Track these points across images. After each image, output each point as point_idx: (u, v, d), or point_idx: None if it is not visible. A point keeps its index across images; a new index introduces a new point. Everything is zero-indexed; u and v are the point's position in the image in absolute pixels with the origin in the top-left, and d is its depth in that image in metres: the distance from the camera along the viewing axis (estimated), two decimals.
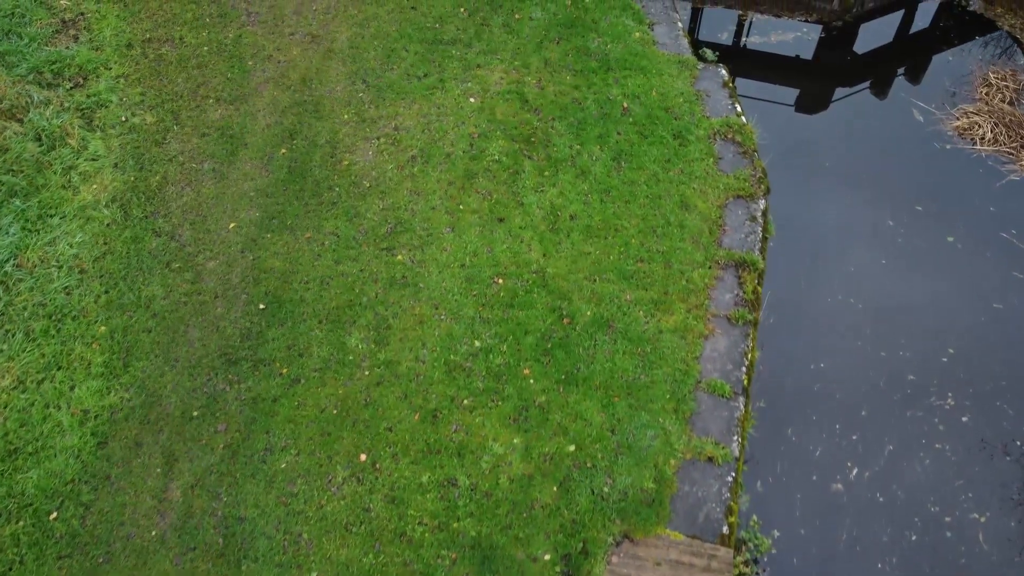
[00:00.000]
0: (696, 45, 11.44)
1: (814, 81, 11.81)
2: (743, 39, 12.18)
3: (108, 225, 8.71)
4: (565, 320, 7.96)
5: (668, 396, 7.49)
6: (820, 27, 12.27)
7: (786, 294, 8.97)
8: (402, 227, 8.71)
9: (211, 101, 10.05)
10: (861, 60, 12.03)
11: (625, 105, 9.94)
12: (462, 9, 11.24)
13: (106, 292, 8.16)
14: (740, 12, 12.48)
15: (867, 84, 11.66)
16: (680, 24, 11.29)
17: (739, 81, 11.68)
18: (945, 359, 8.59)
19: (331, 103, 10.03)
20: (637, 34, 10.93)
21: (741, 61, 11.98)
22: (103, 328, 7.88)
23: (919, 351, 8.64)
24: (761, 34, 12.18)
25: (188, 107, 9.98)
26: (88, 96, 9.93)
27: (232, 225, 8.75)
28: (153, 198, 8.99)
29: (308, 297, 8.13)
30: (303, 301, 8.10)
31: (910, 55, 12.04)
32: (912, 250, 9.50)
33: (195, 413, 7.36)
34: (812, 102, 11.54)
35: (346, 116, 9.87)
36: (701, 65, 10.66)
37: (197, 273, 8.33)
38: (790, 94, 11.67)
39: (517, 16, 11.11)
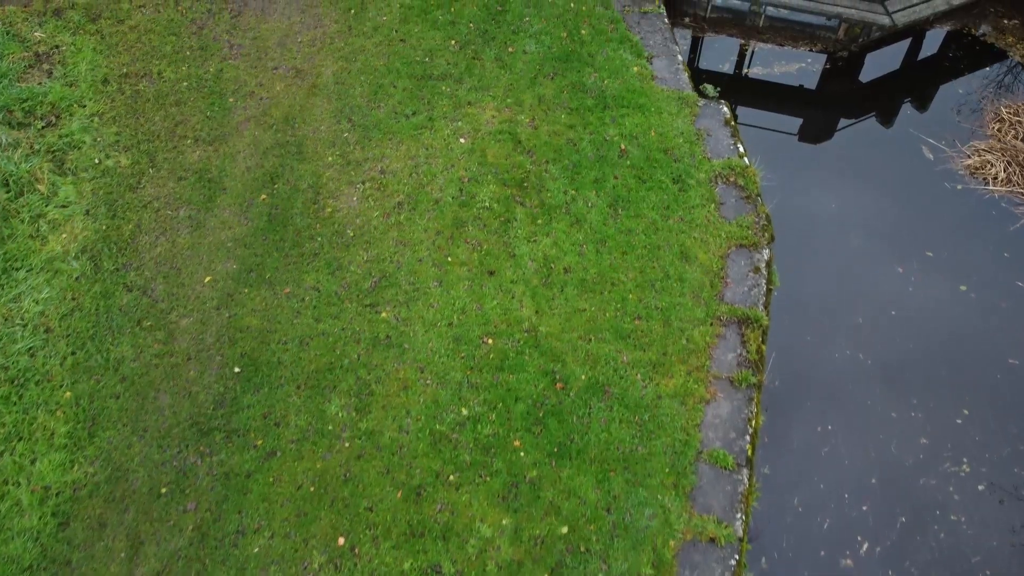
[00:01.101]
0: (696, 77, 10.99)
1: (818, 111, 11.37)
2: (745, 69, 11.74)
3: (77, 279, 8.25)
4: (558, 385, 7.51)
5: (667, 469, 7.05)
6: (825, 57, 11.84)
7: (791, 349, 8.53)
8: (387, 281, 8.26)
9: (189, 141, 9.60)
10: (867, 90, 11.59)
11: (623, 147, 9.50)
12: (453, 42, 10.80)
13: (73, 353, 7.71)
14: (742, 41, 12.05)
15: (873, 116, 11.23)
16: (680, 57, 10.85)
17: (741, 110, 11.27)
18: (959, 420, 8.14)
19: (315, 143, 9.58)
20: (635, 68, 10.48)
21: (743, 90, 11.55)
22: (68, 394, 7.43)
23: (932, 412, 8.20)
24: (764, 65, 11.75)
25: (165, 148, 9.53)
26: (60, 137, 9.48)
27: (208, 279, 8.29)
28: (125, 248, 8.53)
29: (286, 359, 7.67)
30: (281, 364, 7.65)
31: (918, 87, 11.60)
32: (923, 300, 9.05)
33: (163, 490, 6.91)
34: (816, 132, 11.10)
35: (330, 158, 9.42)
36: (702, 102, 10.21)
37: (169, 332, 7.88)
38: (793, 123, 11.24)
39: (510, 49, 10.67)
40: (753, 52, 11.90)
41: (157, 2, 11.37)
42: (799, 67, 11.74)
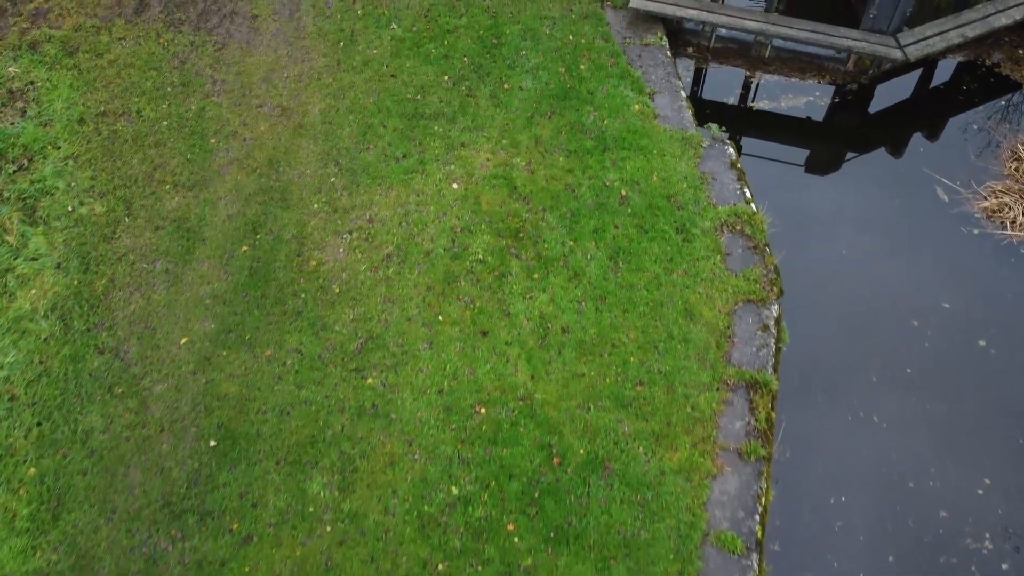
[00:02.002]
0: (700, 110, 10.52)
1: (826, 145, 10.90)
2: (751, 103, 11.27)
3: (45, 340, 7.79)
4: (555, 460, 7.05)
5: (672, 556, 6.58)
6: (833, 89, 11.38)
7: (802, 413, 8.06)
8: (374, 343, 7.80)
9: (168, 187, 9.14)
10: (877, 124, 11.13)
11: (623, 193, 9.04)
12: (446, 77, 10.33)
13: (39, 424, 7.24)
14: (747, 73, 11.58)
15: (884, 151, 10.77)
16: (683, 93, 10.38)
17: (746, 140, 10.81)
18: (981, 491, 7.68)
19: (300, 189, 9.12)
20: (636, 106, 10.02)
21: (748, 122, 11.08)
22: (33, 470, 6.97)
23: (951, 482, 7.73)
24: (770, 98, 11.28)
25: (142, 194, 9.07)
26: (32, 183, 9.02)
27: (184, 340, 7.83)
28: (98, 306, 8.07)
29: (265, 431, 7.21)
30: (260, 436, 7.18)
31: (931, 121, 11.13)
32: (940, 356, 8.59)
33: None
34: (823, 163, 10.64)
35: (316, 205, 8.96)
36: (706, 142, 9.75)
37: (142, 400, 7.41)
38: (799, 153, 10.77)
39: (506, 86, 10.21)
40: (759, 84, 11.43)
41: (138, 34, 10.91)
42: (807, 100, 11.28)
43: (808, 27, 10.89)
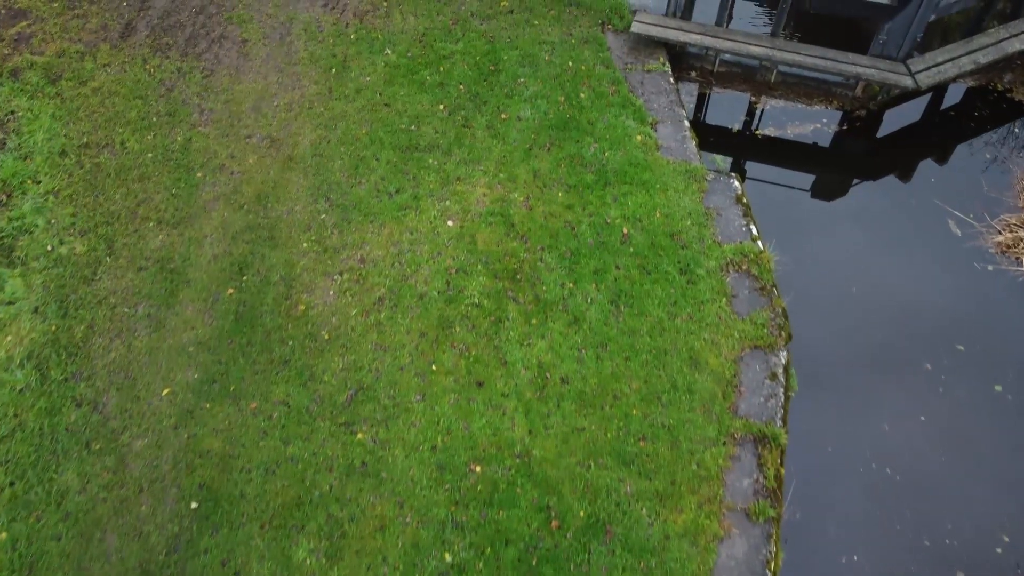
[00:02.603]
0: (703, 137, 10.18)
1: (833, 174, 10.56)
2: (756, 131, 10.91)
3: (21, 391, 7.44)
4: (554, 523, 6.70)
5: None
6: (841, 114, 11.03)
7: (812, 466, 7.71)
8: (364, 394, 7.45)
9: (151, 224, 8.79)
10: (886, 152, 10.79)
11: (625, 231, 8.69)
12: (441, 106, 9.98)
13: (12, 484, 6.89)
14: (752, 98, 11.24)
15: (894, 181, 10.42)
16: (686, 123, 10.04)
17: (750, 165, 10.48)
18: (999, 549, 7.33)
19: (289, 227, 8.77)
20: (639, 137, 9.68)
21: (752, 147, 10.74)
22: (4, 535, 6.61)
23: (968, 539, 7.39)
24: (776, 125, 10.92)
25: (125, 231, 8.72)
26: (11, 220, 8.67)
27: (166, 391, 7.48)
28: (76, 354, 7.72)
29: (249, 492, 6.86)
30: (243, 498, 6.83)
31: (942, 149, 10.78)
32: (954, 403, 8.24)
33: None
34: (830, 189, 10.29)
35: (305, 244, 8.61)
36: (711, 175, 9.41)
37: (121, 457, 7.06)
38: (806, 179, 10.43)
39: (503, 116, 9.86)
40: (764, 110, 11.09)
41: (124, 60, 10.57)
42: (814, 127, 10.93)
43: (816, 53, 10.55)
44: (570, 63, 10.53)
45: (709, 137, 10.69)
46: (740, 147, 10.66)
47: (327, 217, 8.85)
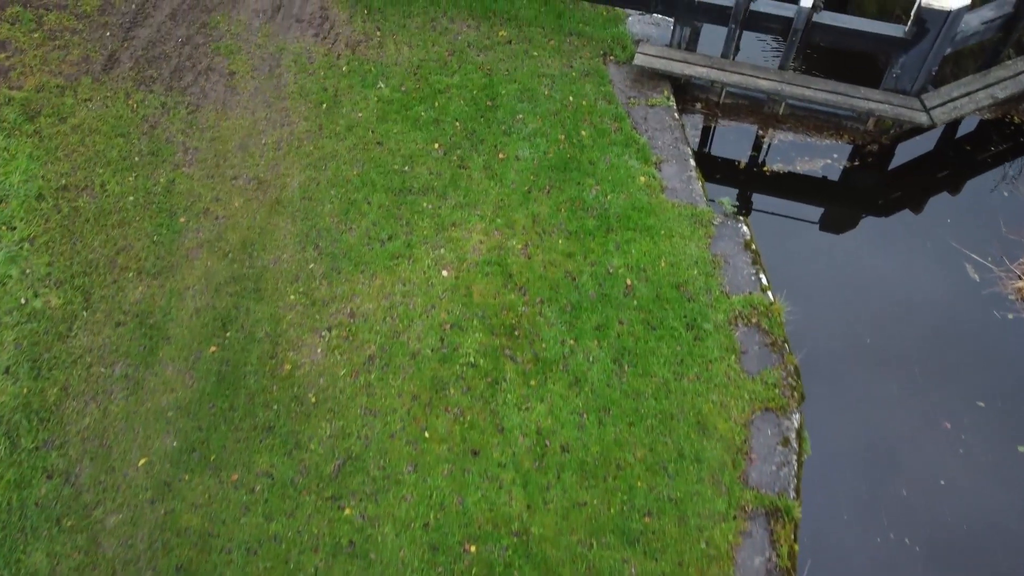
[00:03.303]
0: (708, 170, 9.76)
1: (843, 213, 10.14)
2: (763, 165, 10.49)
3: None
4: None
5: None
6: (852, 148, 10.61)
7: (827, 535, 7.29)
8: (353, 464, 7.03)
9: (131, 274, 8.37)
10: (899, 189, 10.37)
11: (628, 282, 8.27)
12: (436, 145, 9.56)
13: None
14: (760, 131, 10.81)
15: (908, 219, 10.01)
16: (692, 162, 9.62)
17: (757, 197, 10.07)
18: None
19: (275, 278, 8.35)
20: (642, 178, 9.26)
21: (759, 181, 10.32)
22: None
23: None
24: (784, 160, 10.49)
25: (103, 282, 8.30)
26: None
27: (142, 461, 7.06)
28: (48, 419, 7.30)
29: (229, 575, 6.43)
30: None
31: (957, 187, 10.36)
32: (976, 466, 7.82)
33: None
34: (838, 224, 9.88)
35: (292, 297, 8.19)
36: (718, 219, 8.99)
37: (93, 536, 6.64)
38: (814, 211, 10.02)
39: (501, 156, 9.44)
40: (772, 144, 10.66)
41: (106, 95, 10.15)
42: (824, 163, 10.50)
43: (826, 87, 10.13)
44: (571, 97, 10.11)
45: (715, 174, 10.28)
46: (747, 184, 10.23)
47: (315, 266, 8.43)
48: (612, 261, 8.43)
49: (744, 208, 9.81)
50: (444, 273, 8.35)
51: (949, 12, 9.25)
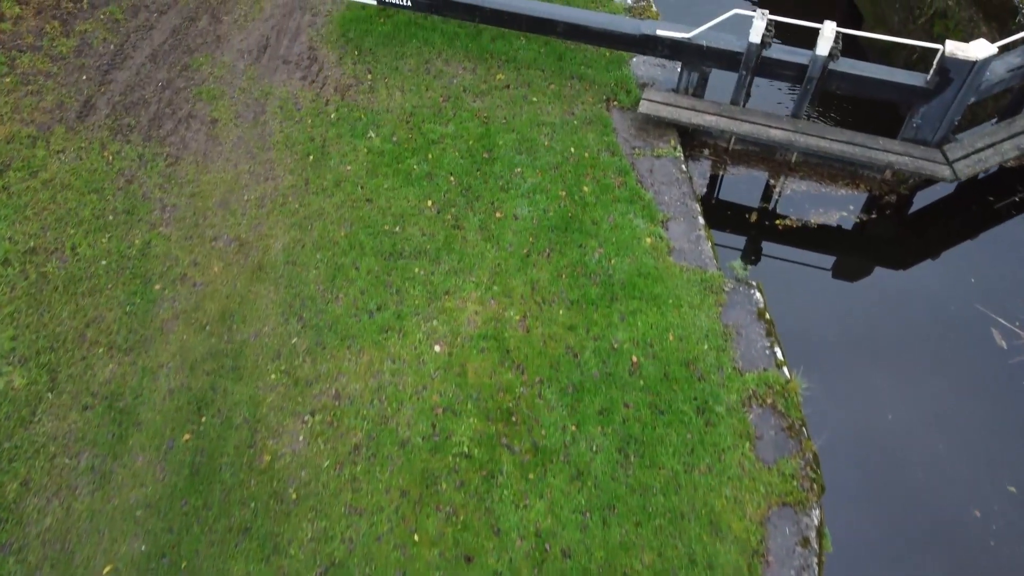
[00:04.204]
0: (716, 223, 9.21)
1: (859, 271, 9.58)
2: (775, 218, 9.92)
3: None
4: None
5: None
6: (868, 198, 10.05)
7: None
8: (336, 572, 6.46)
9: (102, 349, 7.81)
10: (919, 244, 9.81)
11: (634, 359, 7.71)
12: (429, 202, 9.01)
13: None
14: (771, 179, 10.26)
15: (929, 278, 9.45)
16: (701, 220, 9.06)
17: (766, 245, 9.54)
18: None
19: (256, 354, 7.79)
20: (648, 240, 8.70)
21: (769, 231, 9.77)
22: None
23: None
24: (798, 212, 9.92)
25: (71, 359, 7.74)
26: None
27: (107, 569, 6.50)
28: (7, 519, 6.74)
29: None
30: None
31: (980, 241, 9.80)
32: (1009, 560, 7.27)
33: None
34: (857, 293, 9.32)
35: (273, 376, 7.63)
36: (729, 284, 8.43)
37: None
38: (830, 278, 9.47)
39: (498, 214, 8.88)
40: (784, 194, 10.10)
41: (80, 146, 9.59)
42: (840, 216, 9.94)
43: (842, 137, 9.57)
44: (572, 149, 9.55)
45: (725, 228, 9.73)
46: (758, 240, 9.68)
47: (299, 341, 7.87)
48: (617, 335, 7.87)
49: (755, 269, 9.26)
50: (436, 348, 7.79)
51: (975, 62, 8.70)
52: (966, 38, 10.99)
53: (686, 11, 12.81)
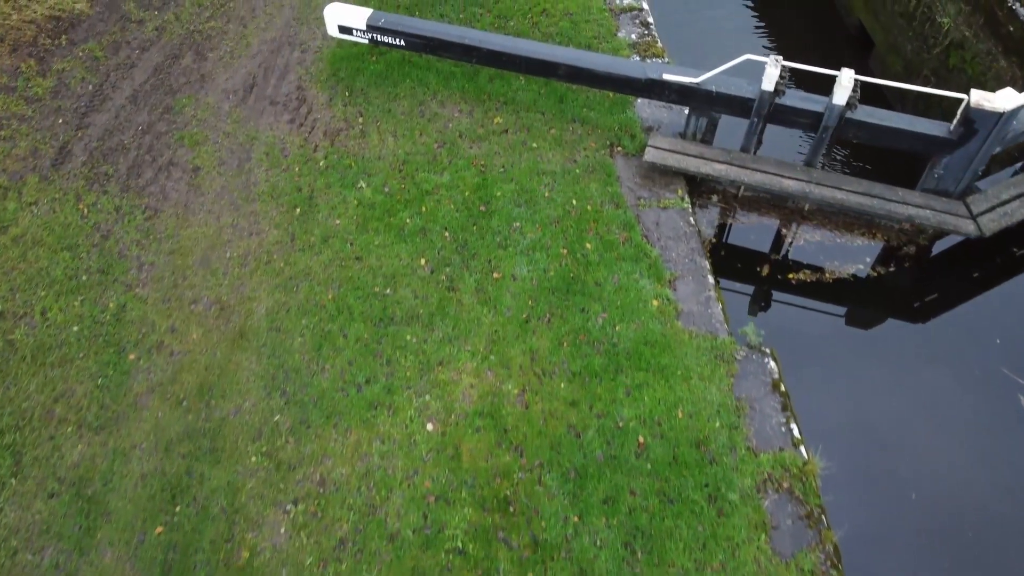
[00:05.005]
0: (724, 273, 8.69)
1: (876, 328, 9.07)
2: (787, 271, 9.40)
3: None
4: None
5: None
6: (886, 249, 9.53)
7: None
8: None
9: (71, 428, 7.30)
10: (940, 300, 9.30)
11: (641, 439, 7.20)
12: (423, 261, 8.49)
13: None
14: (783, 228, 9.74)
15: (951, 338, 8.93)
16: (711, 278, 8.55)
17: (782, 320, 9.00)
18: None
19: (235, 433, 7.27)
20: (655, 302, 8.18)
21: (784, 290, 9.25)
22: None
23: None
24: (812, 264, 9.40)
25: (37, 439, 7.23)
26: None
27: None
28: None
29: None
30: None
31: (1005, 296, 9.28)
32: None
33: None
34: (873, 346, 8.82)
35: (254, 459, 7.11)
36: (741, 352, 7.92)
37: None
38: (846, 339, 8.95)
39: (496, 275, 8.36)
40: (797, 244, 9.58)
41: (54, 197, 9.09)
42: (856, 268, 9.42)
43: (859, 188, 9.06)
44: (574, 201, 9.04)
45: (735, 281, 9.22)
46: (770, 297, 9.16)
47: (282, 418, 7.35)
48: (622, 412, 7.35)
49: (767, 329, 8.71)
50: (429, 427, 7.27)
51: (1002, 113, 8.18)
52: (984, 72, 10.50)
53: (696, 47, 12.31)
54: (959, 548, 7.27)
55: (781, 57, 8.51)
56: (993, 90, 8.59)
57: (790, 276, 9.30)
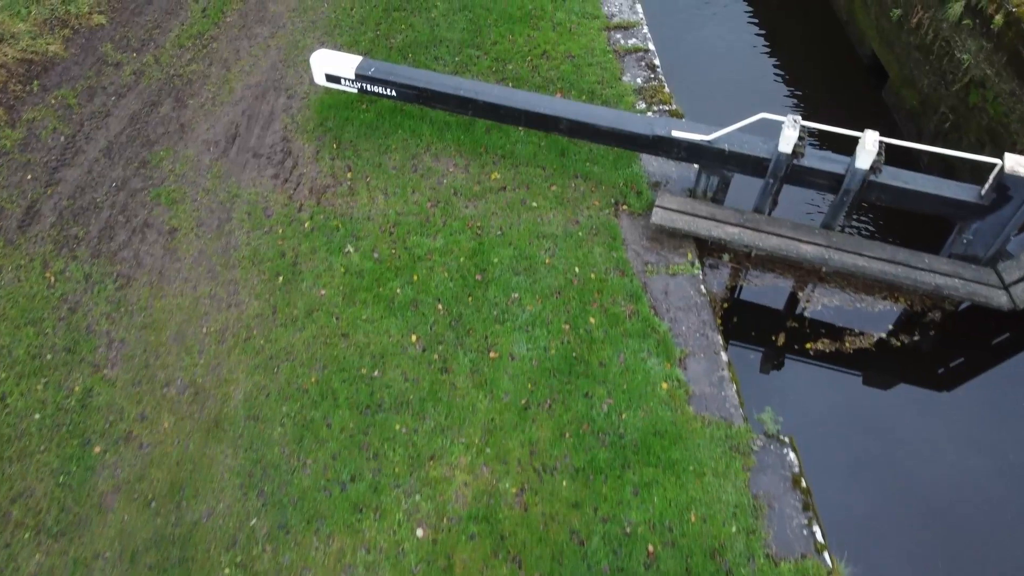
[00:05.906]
0: (736, 336, 8.08)
1: (903, 401, 8.46)
2: (802, 335, 8.79)
3: None
4: None
5: None
6: (908, 314, 8.93)
7: None
8: None
9: (28, 534, 6.69)
10: (969, 376, 8.69)
11: (650, 548, 6.59)
12: (414, 338, 7.88)
13: None
14: (798, 290, 9.13)
15: (982, 414, 8.33)
16: (724, 356, 7.94)
17: (796, 388, 8.40)
18: None
19: (207, 539, 6.66)
20: (664, 385, 7.57)
21: (800, 361, 8.65)
22: None
23: None
24: (830, 333, 8.78)
25: None
26: None
27: None
28: None
29: None
30: None
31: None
32: None
33: None
34: (899, 431, 8.21)
35: (228, 571, 6.50)
36: (758, 442, 7.30)
37: None
38: (865, 411, 8.34)
39: (492, 354, 7.75)
40: (814, 308, 8.97)
41: (19, 263, 8.49)
42: (878, 338, 8.81)
43: (883, 255, 8.47)
44: (576, 268, 8.43)
45: (748, 353, 8.61)
46: (787, 370, 8.55)
47: (259, 522, 6.74)
48: (629, 515, 6.74)
49: (784, 410, 8.11)
50: (419, 533, 6.66)
51: None
52: (1007, 113, 9.90)
53: (704, 82, 11.68)
54: None
55: (799, 117, 7.91)
56: (1018, 133, 8.01)
57: (807, 345, 8.69)
